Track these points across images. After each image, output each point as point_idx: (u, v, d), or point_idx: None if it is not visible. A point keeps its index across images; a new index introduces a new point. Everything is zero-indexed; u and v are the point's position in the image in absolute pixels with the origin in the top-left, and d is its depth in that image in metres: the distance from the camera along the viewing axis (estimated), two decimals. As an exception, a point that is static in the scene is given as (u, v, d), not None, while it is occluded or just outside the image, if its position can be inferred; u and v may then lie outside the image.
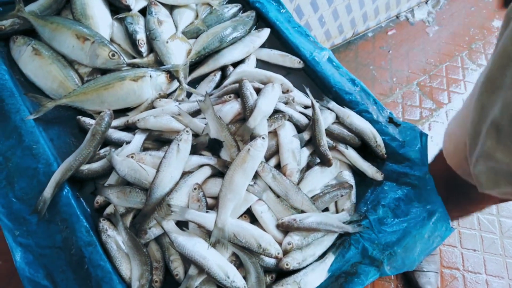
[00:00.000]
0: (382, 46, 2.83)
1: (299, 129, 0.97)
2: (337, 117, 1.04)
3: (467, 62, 2.82)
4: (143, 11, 1.15)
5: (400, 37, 2.85)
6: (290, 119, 0.96)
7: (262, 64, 1.17)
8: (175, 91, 1.05)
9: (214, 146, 0.88)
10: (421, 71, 2.75)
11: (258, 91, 0.97)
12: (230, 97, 0.96)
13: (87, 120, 0.96)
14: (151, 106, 1.00)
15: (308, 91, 1.00)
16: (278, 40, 1.21)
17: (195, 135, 0.90)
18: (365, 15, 2.64)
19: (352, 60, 2.72)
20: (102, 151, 0.92)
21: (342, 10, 2.42)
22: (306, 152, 0.95)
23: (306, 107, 1.04)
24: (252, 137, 0.88)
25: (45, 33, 1.04)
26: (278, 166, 0.91)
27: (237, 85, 0.97)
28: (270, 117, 0.93)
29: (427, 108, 2.56)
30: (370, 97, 1.14)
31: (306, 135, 0.95)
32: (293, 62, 1.15)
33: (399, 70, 2.72)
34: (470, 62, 2.82)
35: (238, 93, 0.95)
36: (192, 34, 1.15)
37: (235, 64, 1.14)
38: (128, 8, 1.10)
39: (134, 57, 1.09)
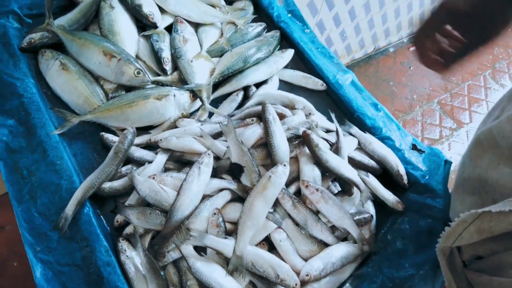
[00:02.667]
0: (403, 62, 2.80)
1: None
2: (359, 143, 1.03)
3: (490, 82, 2.76)
4: (169, 28, 1.16)
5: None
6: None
7: (284, 85, 1.17)
8: (197, 110, 1.06)
9: (235, 171, 0.88)
10: (442, 89, 2.70)
11: (280, 116, 0.96)
12: (252, 120, 0.95)
13: (110, 137, 0.97)
14: (174, 125, 1.01)
15: (333, 117, 0.99)
16: (301, 61, 1.21)
17: (217, 158, 0.90)
18: (387, 30, 2.62)
19: (372, 75, 2.70)
20: (123, 169, 0.93)
21: (364, 26, 2.41)
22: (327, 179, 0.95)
23: (327, 130, 1.04)
24: (274, 162, 0.87)
25: (73, 48, 1.06)
26: (298, 193, 0.91)
27: (259, 108, 0.97)
28: (291, 142, 0.93)
29: (447, 127, 2.52)
30: (393, 123, 1.12)
31: (327, 162, 0.94)
32: (316, 84, 1.15)
33: (419, 87, 2.69)
34: (493, 82, 2.76)
35: (261, 117, 0.95)
36: (216, 52, 1.15)
37: (258, 84, 1.14)
38: (154, 26, 1.11)
39: (158, 74, 1.10)
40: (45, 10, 1.07)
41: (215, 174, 0.88)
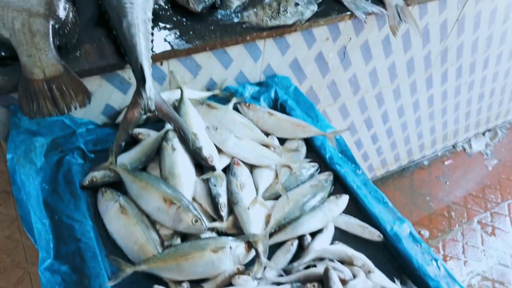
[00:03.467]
0: (438, 176, 2.77)
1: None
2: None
3: (531, 202, 2.67)
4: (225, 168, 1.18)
5: (457, 168, 2.79)
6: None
7: (339, 232, 1.14)
8: (251, 261, 1.02)
9: None
10: (482, 208, 2.62)
11: (343, 281, 0.92)
12: (314, 286, 0.91)
13: (164, 292, 0.94)
14: (228, 280, 0.97)
15: (398, 284, 0.94)
16: (355, 206, 1.19)
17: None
18: (422, 145, 2.63)
19: (407, 188, 2.66)
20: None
21: (400, 142, 2.43)
22: None
23: (387, 290, 0.98)
24: None
25: (133, 189, 1.07)
26: None
27: (319, 270, 0.93)
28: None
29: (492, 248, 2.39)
30: (456, 283, 1.06)
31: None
32: (372, 235, 1.11)
33: (457, 205, 2.61)
34: (535, 203, 2.67)
35: (322, 281, 0.91)
36: (271, 196, 1.15)
37: (313, 232, 1.11)
38: (212, 168, 1.13)
39: (213, 218, 1.09)
40: (110, 151, 1.10)
41: None
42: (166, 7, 1.30)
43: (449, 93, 2.27)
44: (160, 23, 1.24)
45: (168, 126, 1.20)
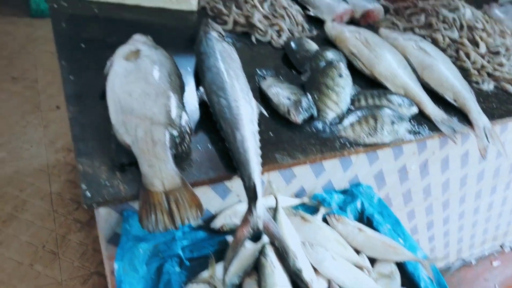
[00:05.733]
0: (487, 278, 2.68)
1: None
2: None
3: None
4: None
5: (506, 269, 2.71)
6: None
7: None
8: None
9: None
10: (535, 320, 2.50)
11: None
12: None
13: None
14: None
15: None
16: None
17: None
18: (472, 245, 2.58)
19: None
20: None
21: (453, 242, 2.39)
22: None
23: None
24: None
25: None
26: None
27: None
28: None
29: None
30: None
31: None
32: None
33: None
34: None
35: None
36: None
37: None
38: (312, 293, 1.10)
39: None
40: (210, 263, 1.09)
41: None
42: (267, 116, 1.33)
43: (509, 198, 2.26)
44: (263, 135, 1.27)
45: (265, 238, 1.19)
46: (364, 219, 1.40)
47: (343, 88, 1.42)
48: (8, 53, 3.80)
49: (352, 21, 1.98)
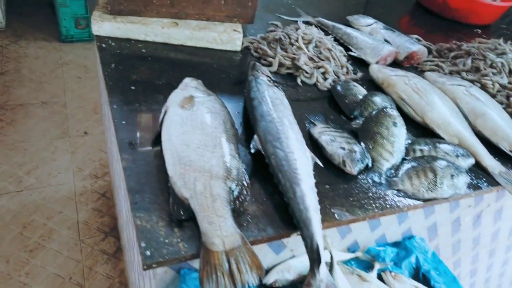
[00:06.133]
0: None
1: None
2: None
3: None
4: None
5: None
6: None
7: None
8: None
9: None
10: None
11: None
12: None
13: None
14: None
15: None
16: None
17: None
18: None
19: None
20: None
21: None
22: None
23: None
24: None
25: None
26: None
27: None
28: None
29: None
30: None
31: None
32: None
33: None
34: None
35: None
36: None
37: None
38: None
39: None
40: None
41: None
42: (322, 166, 1.29)
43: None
44: (319, 187, 1.23)
45: (323, 299, 1.13)
46: (420, 276, 1.33)
47: (398, 137, 1.38)
48: (37, 77, 3.86)
49: (395, 62, 1.95)
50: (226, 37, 1.74)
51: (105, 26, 1.67)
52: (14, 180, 2.87)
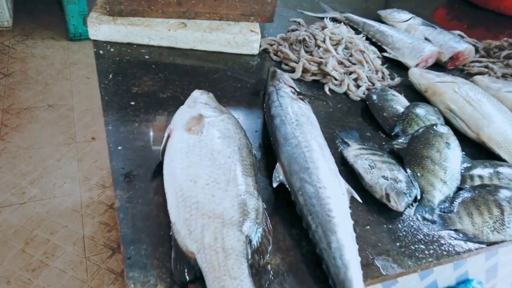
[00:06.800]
0: None
1: None
2: None
3: None
4: None
5: None
6: None
7: None
8: None
9: None
10: None
11: None
12: None
13: None
14: None
15: None
16: None
17: None
18: None
19: None
20: None
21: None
22: None
23: None
24: None
25: None
26: None
27: None
28: None
29: None
30: None
31: None
32: None
33: None
34: None
35: None
36: None
37: None
38: None
39: None
40: None
41: None
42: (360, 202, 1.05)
43: None
44: (357, 229, 0.99)
45: None
46: (480, 333, 1.09)
47: (452, 162, 1.13)
48: (44, 78, 3.69)
49: (437, 64, 1.68)
50: (241, 39, 1.51)
51: (103, 29, 1.45)
52: (17, 191, 2.70)
